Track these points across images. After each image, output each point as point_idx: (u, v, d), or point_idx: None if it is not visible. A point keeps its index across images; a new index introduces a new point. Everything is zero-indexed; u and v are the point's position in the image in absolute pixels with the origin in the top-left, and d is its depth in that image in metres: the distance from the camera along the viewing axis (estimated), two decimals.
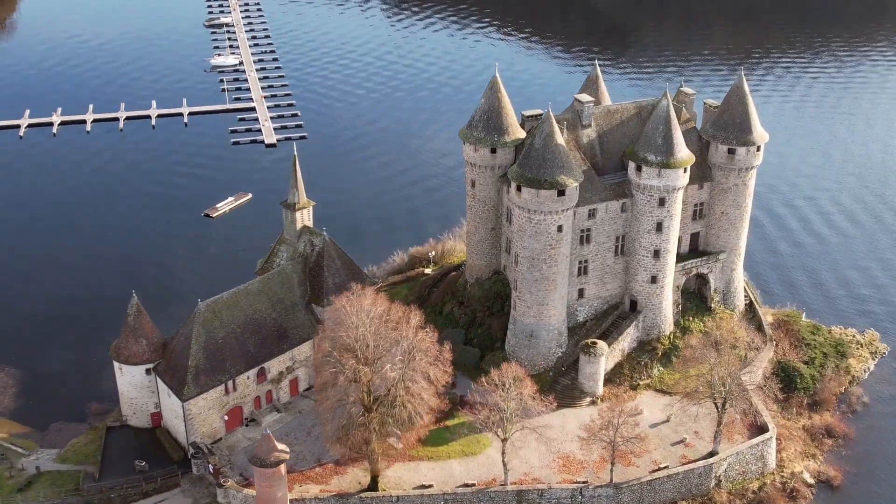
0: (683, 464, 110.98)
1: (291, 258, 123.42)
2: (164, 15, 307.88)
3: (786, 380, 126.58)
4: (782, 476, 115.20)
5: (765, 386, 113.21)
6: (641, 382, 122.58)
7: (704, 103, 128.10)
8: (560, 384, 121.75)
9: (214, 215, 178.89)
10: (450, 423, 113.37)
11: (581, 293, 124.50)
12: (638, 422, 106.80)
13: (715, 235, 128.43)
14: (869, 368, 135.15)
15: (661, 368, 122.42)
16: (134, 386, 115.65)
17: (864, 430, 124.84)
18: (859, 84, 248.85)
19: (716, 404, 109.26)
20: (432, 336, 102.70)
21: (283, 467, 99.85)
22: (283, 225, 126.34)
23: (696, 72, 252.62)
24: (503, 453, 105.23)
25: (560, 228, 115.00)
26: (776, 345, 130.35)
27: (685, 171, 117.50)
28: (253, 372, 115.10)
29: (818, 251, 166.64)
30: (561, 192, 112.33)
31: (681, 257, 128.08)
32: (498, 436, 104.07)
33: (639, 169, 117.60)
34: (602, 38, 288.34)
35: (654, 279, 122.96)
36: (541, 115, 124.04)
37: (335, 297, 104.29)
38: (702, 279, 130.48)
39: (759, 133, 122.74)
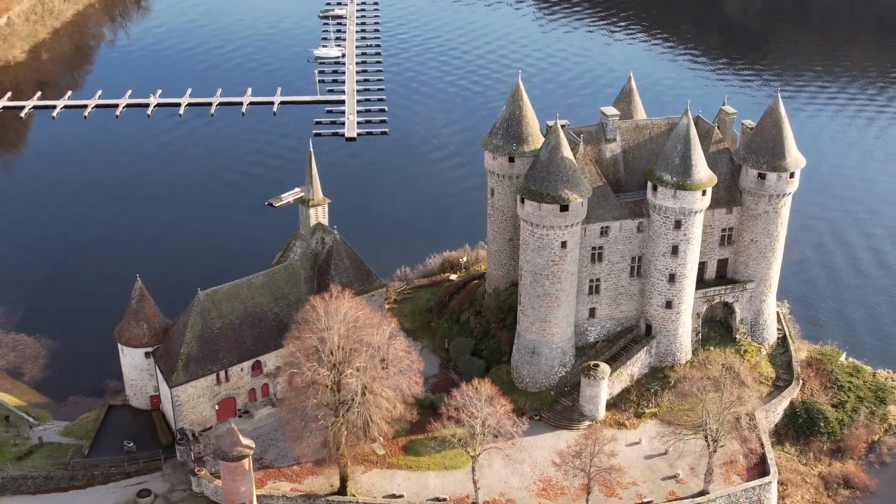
0: (668, 500, 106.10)
1: (304, 254, 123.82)
2: (283, 3, 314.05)
3: (808, 422, 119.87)
4: None
5: (755, 427, 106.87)
6: (647, 411, 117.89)
7: (742, 124, 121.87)
8: (560, 404, 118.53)
9: (277, 205, 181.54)
10: (437, 434, 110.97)
11: (592, 312, 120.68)
12: (615, 452, 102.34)
13: (744, 263, 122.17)
14: None
15: (672, 398, 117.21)
16: (134, 368, 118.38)
17: (889, 484, 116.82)
18: None
19: (707, 441, 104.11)
20: (404, 345, 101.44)
21: (246, 462, 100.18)
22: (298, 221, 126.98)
23: (826, 91, 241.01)
24: (473, 471, 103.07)
25: (564, 245, 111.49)
26: (803, 384, 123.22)
27: (703, 193, 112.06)
28: (247, 364, 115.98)
29: (876, 288, 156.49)
30: (564, 208, 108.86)
31: (706, 283, 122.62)
32: (468, 453, 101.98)
33: (655, 189, 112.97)
34: (736, 49, 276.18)
35: (669, 304, 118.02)
36: (566, 124, 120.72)
37: (311, 298, 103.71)
38: (729, 308, 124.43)
39: (794, 159, 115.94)
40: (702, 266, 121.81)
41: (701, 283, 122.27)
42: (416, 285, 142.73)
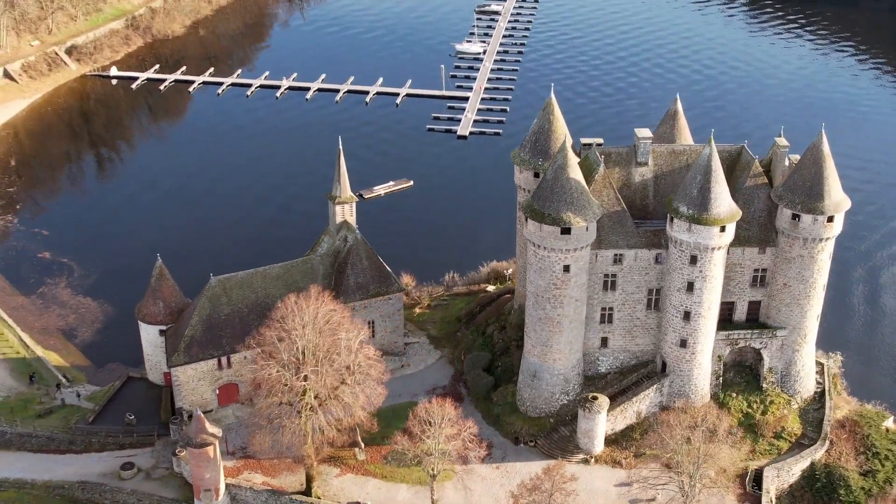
0: None
1: (328, 251, 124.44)
2: None
3: (827, 486, 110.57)
4: None
5: (727, 485, 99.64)
6: (648, 452, 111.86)
7: (788, 159, 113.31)
8: (559, 433, 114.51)
9: (367, 197, 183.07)
10: (394, 447, 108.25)
11: (604, 342, 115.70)
12: (574, 492, 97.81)
13: (776, 308, 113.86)
14: None
15: (644, 444, 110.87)
16: (150, 344, 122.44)
17: None
18: None
19: (682, 492, 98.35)
20: (373, 353, 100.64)
21: (210, 450, 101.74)
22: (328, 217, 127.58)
23: None
24: (431, 490, 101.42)
25: (567, 269, 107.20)
26: (831, 445, 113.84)
27: (723, 230, 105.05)
28: (251, 353, 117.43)
29: None
30: (566, 230, 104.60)
31: (734, 325, 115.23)
32: (426, 471, 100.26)
33: (672, 220, 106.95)
34: None
35: (683, 343, 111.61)
36: (600, 143, 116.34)
37: (288, 296, 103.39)
38: (758, 355, 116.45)
39: (834, 202, 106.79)
40: (730, 306, 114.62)
41: (729, 324, 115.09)
42: (454, 292, 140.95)
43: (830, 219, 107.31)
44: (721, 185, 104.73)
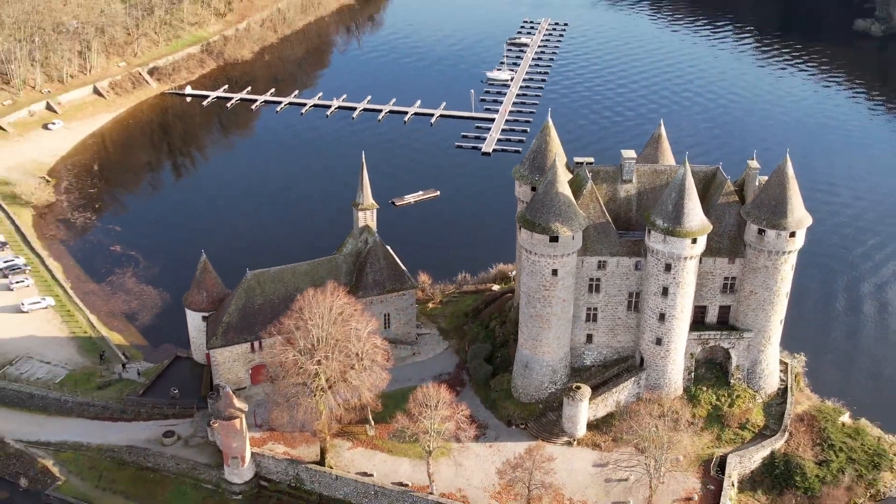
0: None
1: (351, 251, 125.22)
2: (483, 28, 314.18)
3: (784, 473, 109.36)
4: None
5: (687, 469, 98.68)
6: (624, 437, 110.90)
7: (759, 179, 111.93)
8: (546, 418, 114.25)
9: (398, 204, 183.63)
10: (396, 426, 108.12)
11: (589, 338, 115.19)
12: (552, 470, 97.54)
13: (743, 313, 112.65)
14: None
15: (616, 430, 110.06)
16: (195, 328, 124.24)
17: None
18: None
19: (649, 474, 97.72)
20: (380, 343, 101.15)
21: (237, 422, 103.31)
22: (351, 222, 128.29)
23: None
24: (427, 464, 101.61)
25: (555, 273, 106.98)
26: (790, 436, 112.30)
27: (694, 241, 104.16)
28: (279, 339, 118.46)
29: None
30: (554, 239, 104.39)
31: (706, 326, 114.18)
32: (422, 447, 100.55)
33: (650, 232, 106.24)
34: None
35: (658, 341, 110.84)
36: (591, 162, 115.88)
37: (307, 289, 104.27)
38: (727, 354, 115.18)
39: (796, 219, 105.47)
40: (703, 309, 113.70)
41: (702, 325, 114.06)
42: (464, 290, 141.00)
43: (793, 234, 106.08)
44: (693, 201, 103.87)
